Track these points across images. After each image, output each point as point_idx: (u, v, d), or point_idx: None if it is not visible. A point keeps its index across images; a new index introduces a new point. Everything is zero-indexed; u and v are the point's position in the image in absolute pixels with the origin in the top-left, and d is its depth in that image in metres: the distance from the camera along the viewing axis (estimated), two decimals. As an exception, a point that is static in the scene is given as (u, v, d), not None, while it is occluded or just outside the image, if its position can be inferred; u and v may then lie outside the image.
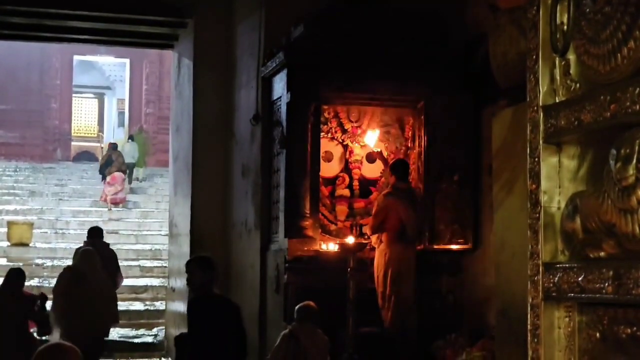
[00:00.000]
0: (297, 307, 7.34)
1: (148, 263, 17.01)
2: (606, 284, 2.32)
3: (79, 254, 9.68)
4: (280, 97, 8.67)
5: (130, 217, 20.86)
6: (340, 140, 9.22)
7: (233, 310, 6.67)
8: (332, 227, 8.94)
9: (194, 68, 11.09)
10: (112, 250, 11.40)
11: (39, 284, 15.55)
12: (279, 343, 7.18)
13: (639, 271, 2.21)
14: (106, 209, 20.89)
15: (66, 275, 9.19)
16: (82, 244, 11.13)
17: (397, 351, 8.08)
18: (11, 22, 11.60)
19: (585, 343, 2.50)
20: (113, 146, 23.90)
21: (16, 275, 8.77)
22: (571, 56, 2.56)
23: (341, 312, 7.62)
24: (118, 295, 10.58)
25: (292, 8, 8.76)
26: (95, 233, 11.45)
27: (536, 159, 2.61)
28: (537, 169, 2.60)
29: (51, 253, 17.36)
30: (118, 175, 21.54)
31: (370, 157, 9.24)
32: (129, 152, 24.16)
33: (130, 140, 25.85)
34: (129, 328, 13.50)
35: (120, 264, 11.99)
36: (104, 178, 22.22)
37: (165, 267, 13.80)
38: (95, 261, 9.35)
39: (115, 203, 21.22)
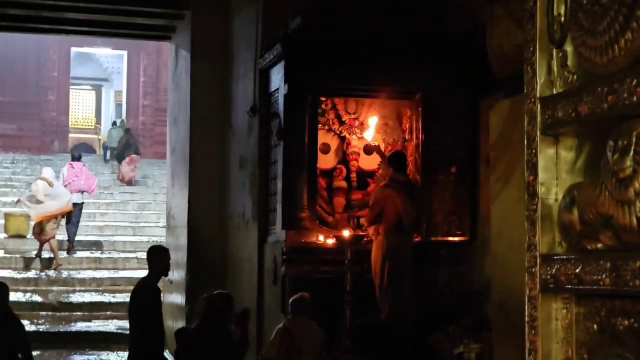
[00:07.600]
0: (290, 300, 7.32)
1: (146, 255, 16.95)
2: (603, 276, 2.32)
3: None
4: (278, 88, 8.65)
5: (127, 209, 20.86)
6: (338, 132, 9.21)
7: None
8: (330, 219, 8.93)
9: (191, 60, 11.06)
10: None
11: (35, 276, 15.57)
12: (274, 337, 7.17)
13: (637, 263, 2.21)
14: (103, 201, 20.91)
15: None
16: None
17: (394, 343, 8.06)
18: (8, 14, 11.58)
19: (583, 335, 2.50)
20: (127, 130, 26.32)
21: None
22: (568, 48, 2.55)
23: (338, 304, 7.61)
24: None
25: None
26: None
27: (533, 151, 2.60)
28: (534, 161, 2.59)
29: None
30: (136, 157, 23.91)
31: (368, 149, 9.23)
32: (115, 137, 26.38)
33: (114, 126, 28.31)
34: (126, 320, 13.46)
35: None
36: (120, 160, 24.23)
37: (163, 259, 13.77)
38: None
39: (130, 181, 23.12)
